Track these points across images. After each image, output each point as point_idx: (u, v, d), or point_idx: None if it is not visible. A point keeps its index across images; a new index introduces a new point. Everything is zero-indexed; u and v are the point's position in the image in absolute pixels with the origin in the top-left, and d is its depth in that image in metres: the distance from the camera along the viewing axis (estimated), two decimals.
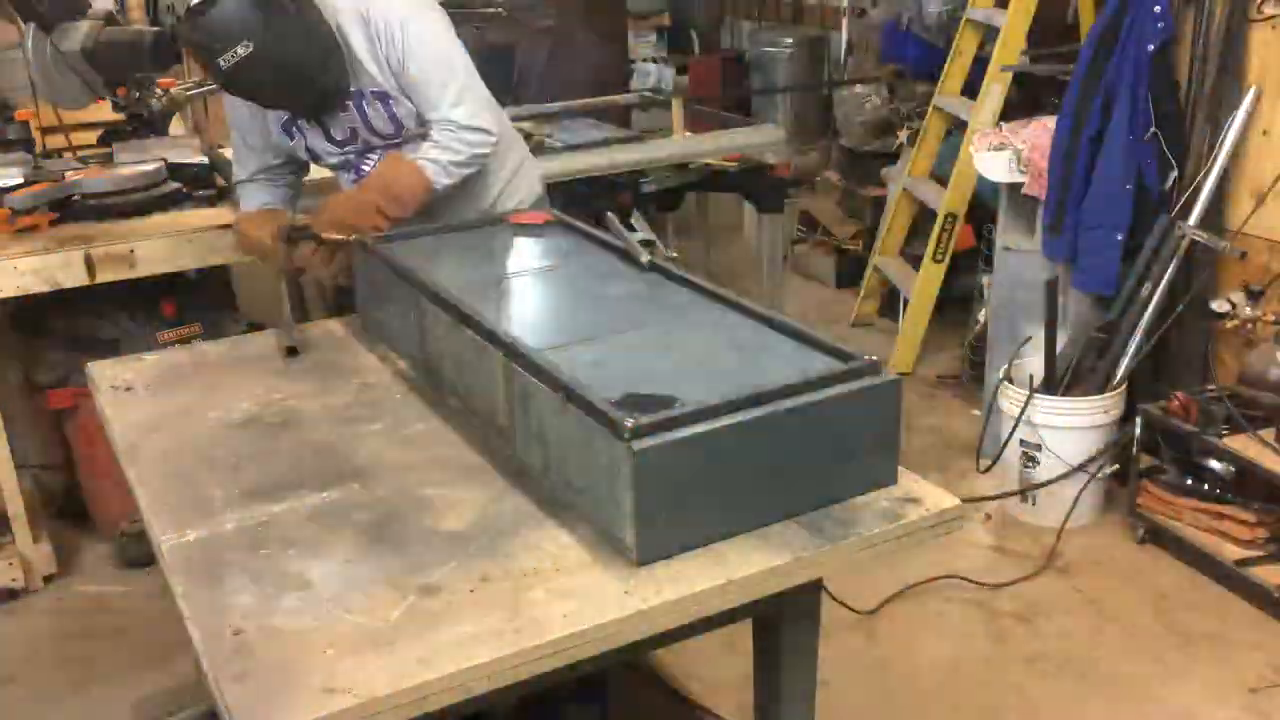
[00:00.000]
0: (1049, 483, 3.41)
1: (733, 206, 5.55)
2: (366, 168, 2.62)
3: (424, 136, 2.53)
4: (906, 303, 4.63)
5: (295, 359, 2.21)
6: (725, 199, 5.09)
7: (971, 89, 4.46)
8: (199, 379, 2.15)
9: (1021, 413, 3.37)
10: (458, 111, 2.47)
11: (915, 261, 4.67)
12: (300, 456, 1.82)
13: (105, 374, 2.19)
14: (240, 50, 2.26)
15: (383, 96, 2.52)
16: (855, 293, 5.16)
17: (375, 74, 2.48)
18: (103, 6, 3.61)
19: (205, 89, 3.81)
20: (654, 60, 7.44)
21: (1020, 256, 3.75)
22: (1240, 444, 3.05)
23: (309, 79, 2.42)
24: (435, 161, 2.47)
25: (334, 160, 2.67)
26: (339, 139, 2.60)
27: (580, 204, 3.37)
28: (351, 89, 2.50)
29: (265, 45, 2.28)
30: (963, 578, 3.18)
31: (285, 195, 2.76)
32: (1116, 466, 3.45)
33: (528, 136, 3.70)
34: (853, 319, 5.06)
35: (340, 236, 2.41)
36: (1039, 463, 3.41)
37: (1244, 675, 2.80)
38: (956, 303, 4.70)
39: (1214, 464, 3.24)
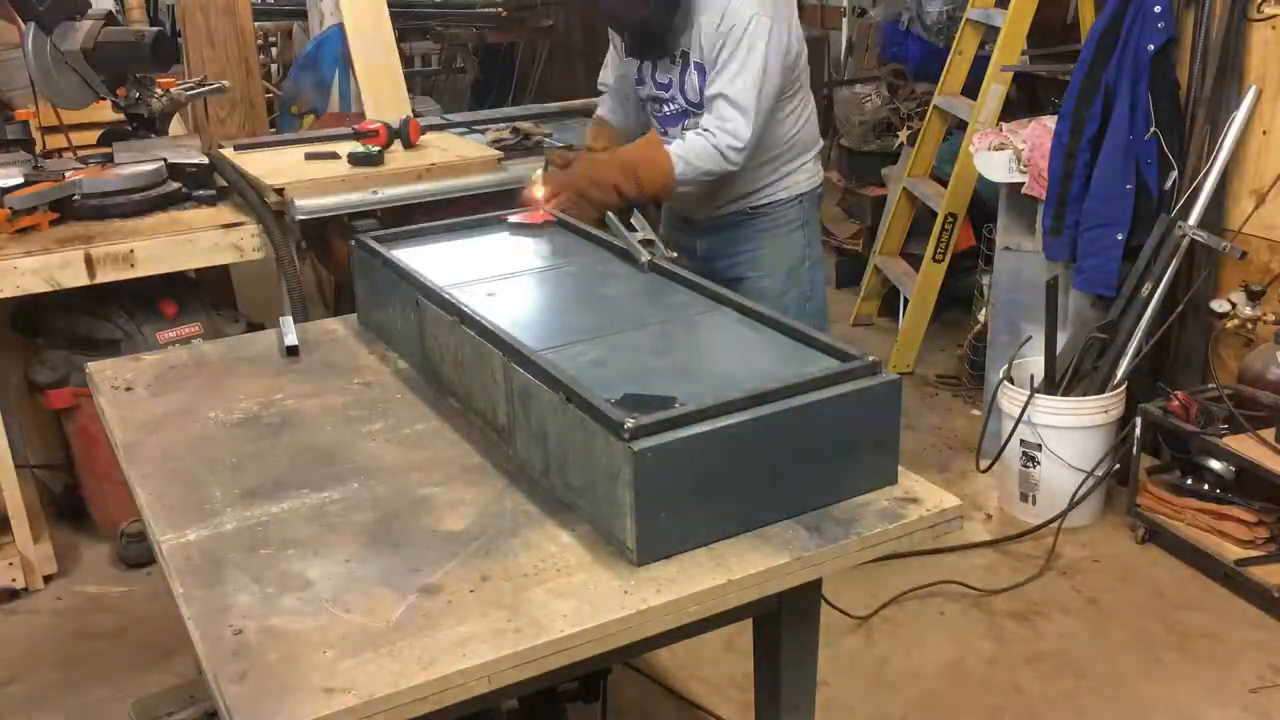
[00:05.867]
0: (1049, 483, 3.41)
1: None
2: (671, 129, 2.83)
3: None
4: (906, 303, 4.63)
5: (295, 359, 2.21)
6: None
7: (971, 89, 4.46)
8: (199, 379, 2.15)
9: (1022, 413, 3.37)
10: (730, 118, 2.64)
11: (915, 261, 4.67)
12: (300, 456, 1.82)
13: (105, 374, 2.19)
14: None
15: (701, 70, 2.72)
16: (855, 293, 5.16)
17: (705, 52, 2.69)
18: (103, 6, 3.61)
19: (205, 89, 3.82)
20: None
21: (1020, 256, 3.75)
22: (1240, 444, 3.05)
23: (635, 17, 2.71)
24: (687, 163, 2.64)
25: (648, 94, 2.88)
26: (660, 81, 2.83)
27: None
28: (679, 51, 2.74)
29: None
30: (961, 583, 3.18)
31: (627, 115, 3.02)
32: (1116, 466, 3.45)
33: (527, 136, 3.71)
34: (853, 319, 5.06)
35: (565, 202, 2.55)
36: (1039, 463, 3.41)
37: (1244, 675, 2.80)
38: (956, 303, 4.70)
39: (1214, 464, 3.24)
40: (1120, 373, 3.40)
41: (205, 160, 3.36)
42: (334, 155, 3.39)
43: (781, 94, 2.79)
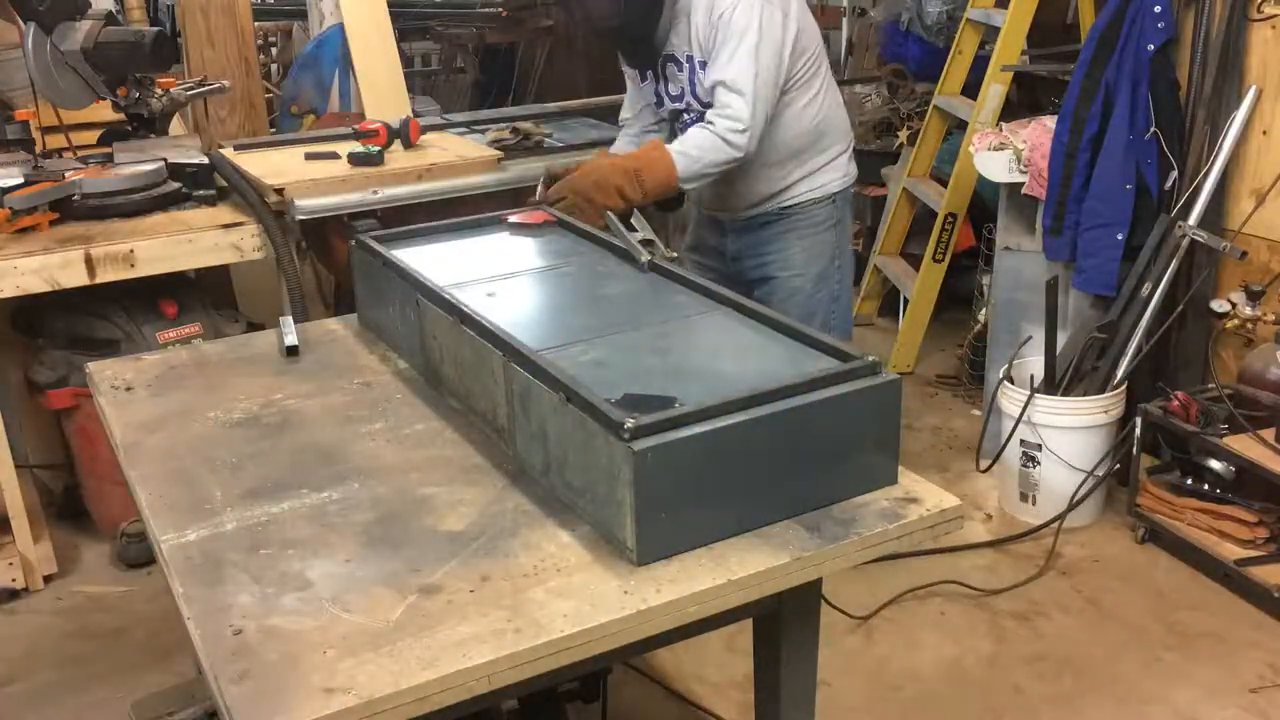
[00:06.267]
0: (1049, 483, 3.41)
1: None
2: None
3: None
4: (906, 302, 4.63)
5: (295, 359, 2.21)
6: None
7: (971, 89, 4.46)
8: (199, 379, 2.15)
9: (1022, 413, 3.37)
10: (728, 102, 2.62)
11: (915, 261, 4.67)
12: (300, 456, 1.82)
13: (105, 374, 2.19)
14: None
15: (705, 68, 2.72)
16: (855, 293, 5.15)
17: (704, 48, 2.70)
18: (103, 6, 3.61)
19: (205, 89, 3.82)
20: None
21: (1020, 256, 3.75)
22: (1240, 444, 3.05)
23: (618, 26, 2.74)
24: (689, 157, 2.60)
25: (665, 112, 2.93)
26: (672, 93, 2.86)
27: None
28: (684, 55, 2.76)
29: None
30: (961, 583, 3.18)
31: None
32: (1117, 466, 3.45)
33: (526, 136, 3.71)
34: (852, 319, 5.05)
35: (569, 206, 2.53)
36: (1039, 463, 3.41)
37: (1244, 675, 2.80)
38: (956, 303, 4.70)
39: (1214, 464, 3.24)
40: (1120, 373, 3.40)
41: (205, 160, 3.36)
42: (334, 155, 3.39)
43: (792, 80, 2.76)
